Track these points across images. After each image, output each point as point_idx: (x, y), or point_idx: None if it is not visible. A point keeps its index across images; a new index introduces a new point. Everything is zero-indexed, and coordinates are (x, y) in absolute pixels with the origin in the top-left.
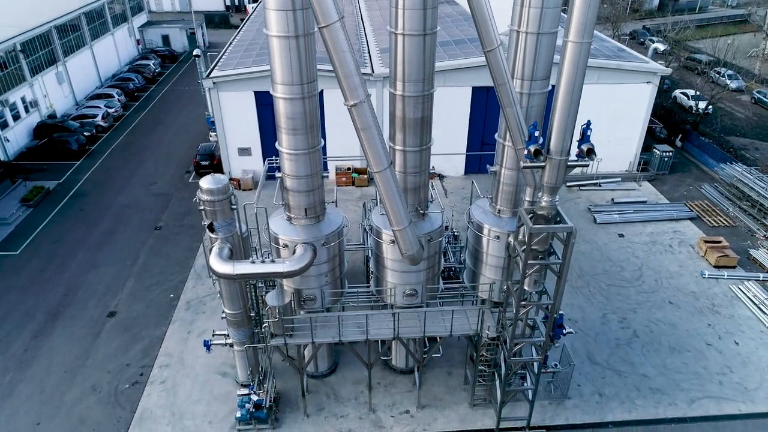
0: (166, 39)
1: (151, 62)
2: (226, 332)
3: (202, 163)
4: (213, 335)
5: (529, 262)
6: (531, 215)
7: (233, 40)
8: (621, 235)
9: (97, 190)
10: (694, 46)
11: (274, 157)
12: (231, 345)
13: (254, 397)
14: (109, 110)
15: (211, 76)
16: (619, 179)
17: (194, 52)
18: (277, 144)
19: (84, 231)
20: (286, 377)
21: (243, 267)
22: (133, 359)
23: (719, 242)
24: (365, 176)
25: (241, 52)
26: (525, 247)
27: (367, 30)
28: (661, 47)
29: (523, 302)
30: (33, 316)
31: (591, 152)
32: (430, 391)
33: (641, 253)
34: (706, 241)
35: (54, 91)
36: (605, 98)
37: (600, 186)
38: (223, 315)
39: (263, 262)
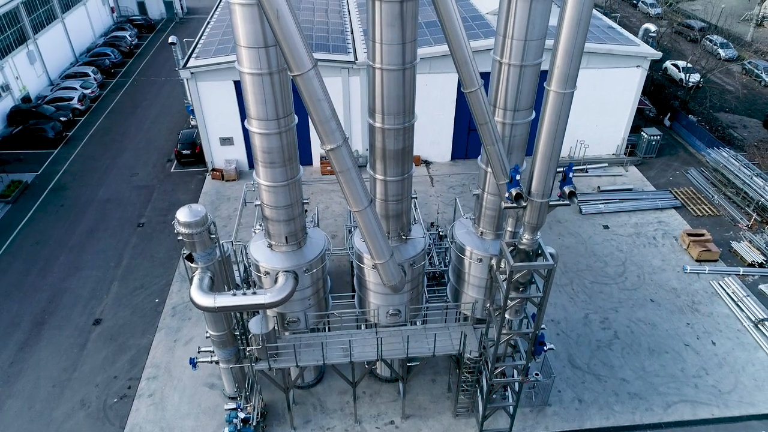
0: (141, 6)
1: (127, 34)
2: (211, 349)
3: (184, 152)
4: (198, 352)
5: (509, 296)
6: (512, 248)
7: (210, 19)
8: (606, 227)
9: (76, 183)
10: (689, 8)
11: (252, 183)
12: (217, 362)
13: (241, 414)
14: (85, 91)
15: (188, 66)
16: (606, 165)
17: (169, 40)
18: (254, 175)
19: (65, 230)
20: (273, 389)
21: (224, 299)
22: (120, 371)
23: (702, 235)
24: None
25: (219, 36)
26: (506, 279)
27: (351, 8)
28: (653, 28)
29: (504, 332)
30: (18, 325)
31: (573, 195)
32: (414, 400)
33: (625, 247)
34: (689, 234)
35: (26, 72)
36: (594, 83)
37: (587, 172)
38: (208, 335)
39: (244, 293)
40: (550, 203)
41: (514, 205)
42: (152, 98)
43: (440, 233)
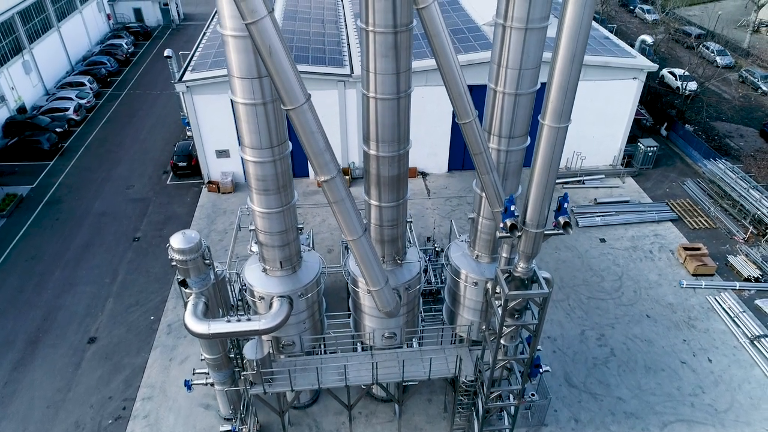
0: (138, 12)
1: (123, 42)
2: (206, 370)
3: (180, 164)
4: (194, 374)
5: (505, 323)
6: (507, 276)
7: (206, 30)
8: (602, 240)
9: (72, 196)
10: (686, 14)
11: (246, 207)
12: (212, 384)
13: None
14: (81, 101)
15: (183, 79)
16: (603, 176)
17: (165, 53)
18: (248, 201)
19: (60, 244)
20: (269, 410)
21: (218, 326)
22: (115, 391)
23: (698, 249)
24: (347, 177)
25: (215, 49)
26: (501, 305)
27: (348, 18)
28: (649, 40)
29: (500, 358)
30: (13, 343)
31: (567, 225)
32: (410, 420)
33: (622, 261)
34: (685, 248)
35: (21, 83)
36: (590, 94)
37: (583, 183)
38: (203, 358)
39: (238, 320)
40: (545, 233)
41: (509, 235)
42: (148, 108)
43: (436, 249)
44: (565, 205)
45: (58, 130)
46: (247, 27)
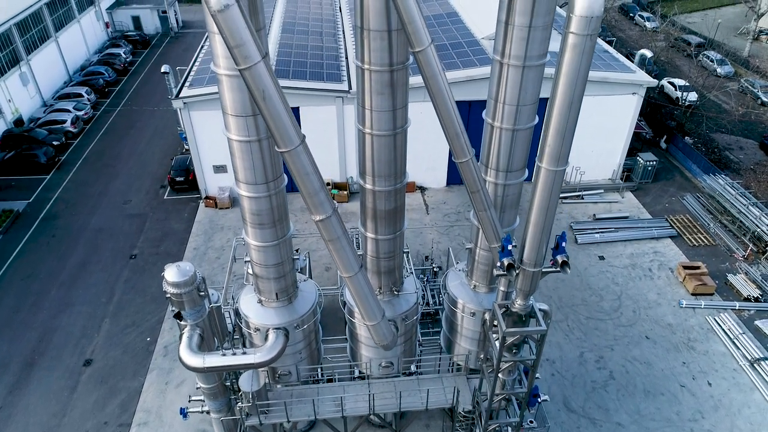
0: (137, 20)
1: (121, 51)
2: (202, 398)
3: (177, 179)
4: (189, 401)
5: (502, 359)
6: (505, 310)
7: (204, 43)
8: (601, 258)
9: (68, 211)
10: (686, 21)
11: (242, 237)
12: (208, 412)
13: None
14: (79, 113)
15: (180, 96)
16: (602, 191)
17: (162, 69)
18: (243, 234)
19: (56, 262)
20: None
21: (213, 359)
22: (110, 416)
23: (698, 268)
24: (345, 192)
25: (211, 63)
26: (498, 339)
27: (347, 30)
28: (649, 54)
29: (498, 394)
30: (8, 366)
31: (565, 264)
32: None
33: (621, 279)
34: (685, 267)
35: (18, 94)
36: (589, 110)
37: (582, 198)
38: (198, 386)
39: (234, 353)
40: (543, 270)
41: (506, 273)
42: (146, 119)
43: (434, 269)
44: (563, 244)
45: (55, 143)
46: (241, 72)
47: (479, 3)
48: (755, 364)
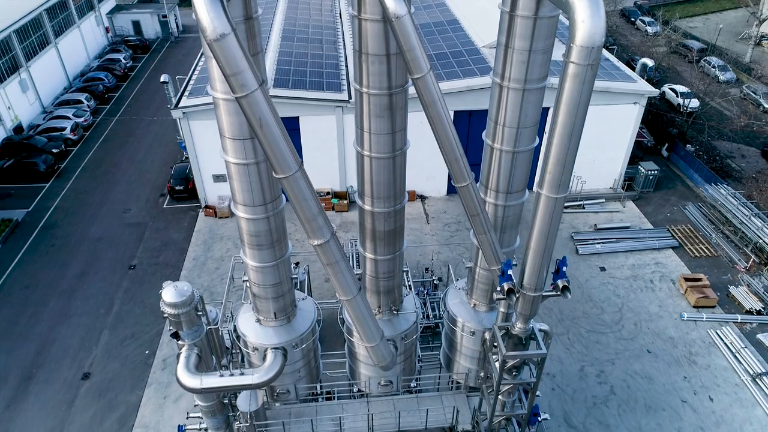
0: (137, 25)
1: (121, 56)
2: (200, 415)
3: (177, 188)
4: (187, 418)
5: (502, 381)
6: (505, 332)
7: (203, 52)
8: (602, 269)
9: (67, 220)
10: (687, 26)
11: (239, 257)
12: (206, 429)
13: None
14: (78, 120)
15: (180, 105)
16: (603, 200)
17: (161, 79)
18: (241, 254)
19: (56, 272)
20: None
21: (211, 380)
22: (108, 431)
23: (699, 280)
24: (345, 201)
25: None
26: (498, 360)
27: (347, 37)
28: (650, 63)
29: (497, 415)
30: (6, 380)
31: (566, 289)
32: None
33: (622, 291)
34: (686, 279)
35: (18, 101)
36: (590, 119)
37: (583, 208)
38: (196, 404)
39: (231, 374)
40: (543, 294)
41: (505, 297)
42: (146, 126)
43: (434, 282)
44: (564, 269)
45: (54, 150)
46: (237, 100)
47: (480, 10)
48: (757, 379)
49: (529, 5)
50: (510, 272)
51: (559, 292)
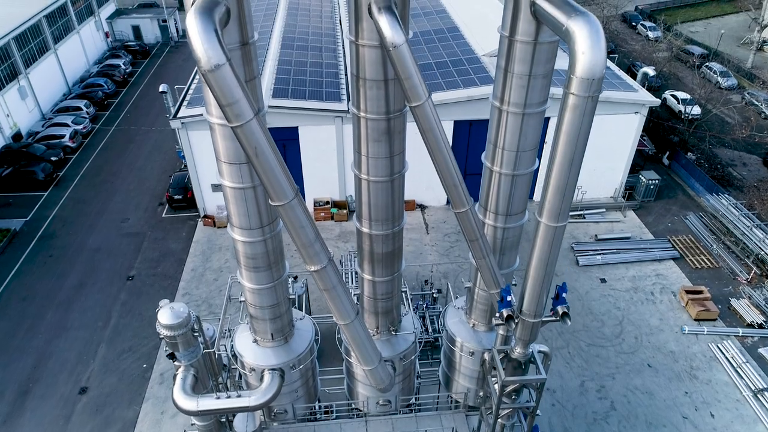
0: (137, 30)
1: (121, 62)
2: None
3: (175, 197)
4: None
5: (502, 406)
6: (504, 356)
7: None
8: (603, 280)
9: (66, 230)
10: (688, 30)
11: (237, 276)
12: None
13: None
14: (77, 127)
15: (178, 116)
16: (604, 210)
17: (159, 89)
18: (238, 275)
19: (53, 284)
20: None
21: (207, 402)
22: None
23: (701, 293)
24: (344, 211)
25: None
26: (497, 382)
27: (346, 44)
28: (651, 72)
29: None
30: (2, 395)
31: (566, 315)
32: None
33: (623, 303)
34: (687, 292)
35: (17, 109)
36: (591, 129)
37: (584, 218)
38: (193, 422)
39: (228, 396)
40: (543, 320)
41: (504, 323)
42: (145, 133)
43: (434, 295)
44: (564, 295)
45: (53, 158)
46: (233, 129)
47: (481, 18)
48: (759, 395)
49: (528, 30)
50: (509, 298)
51: (558, 318)
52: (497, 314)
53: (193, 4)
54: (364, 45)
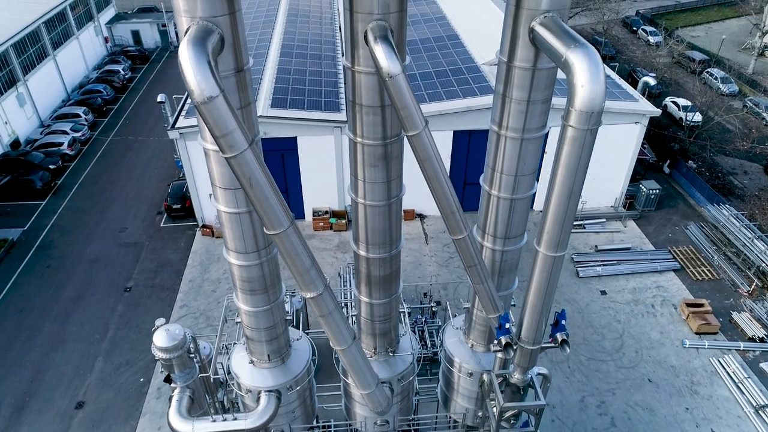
0: (136, 34)
1: (120, 67)
2: None
3: (174, 206)
4: None
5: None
6: (502, 380)
7: None
8: (603, 293)
9: (63, 240)
10: (689, 35)
11: (233, 295)
12: None
13: None
14: (76, 135)
15: (176, 126)
16: (604, 220)
17: (158, 99)
18: (234, 297)
19: (51, 295)
20: None
21: (203, 426)
22: None
23: (701, 306)
24: (343, 221)
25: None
26: (495, 406)
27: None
28: (652, 82)
29: None
30: None
31: (565, 342)
32: None
33: (623, 316)
34: (688, 305)
35: (15, 116)
36: None
37: (584, 228)
38: None
39: (224, 419)
40: (542, 346)
41: (502, 350)
42: (143, 141)
43: (433, 309)
44: (563, 322)
45: (51, 166)
46: (227, 160)
47: (481, 26)
48: (760, 411)
49: (527, 57)
50: (507, 326)
51: (557, 345)
52: (495, 341)
53: (186, 33)
54: (360, 72)
